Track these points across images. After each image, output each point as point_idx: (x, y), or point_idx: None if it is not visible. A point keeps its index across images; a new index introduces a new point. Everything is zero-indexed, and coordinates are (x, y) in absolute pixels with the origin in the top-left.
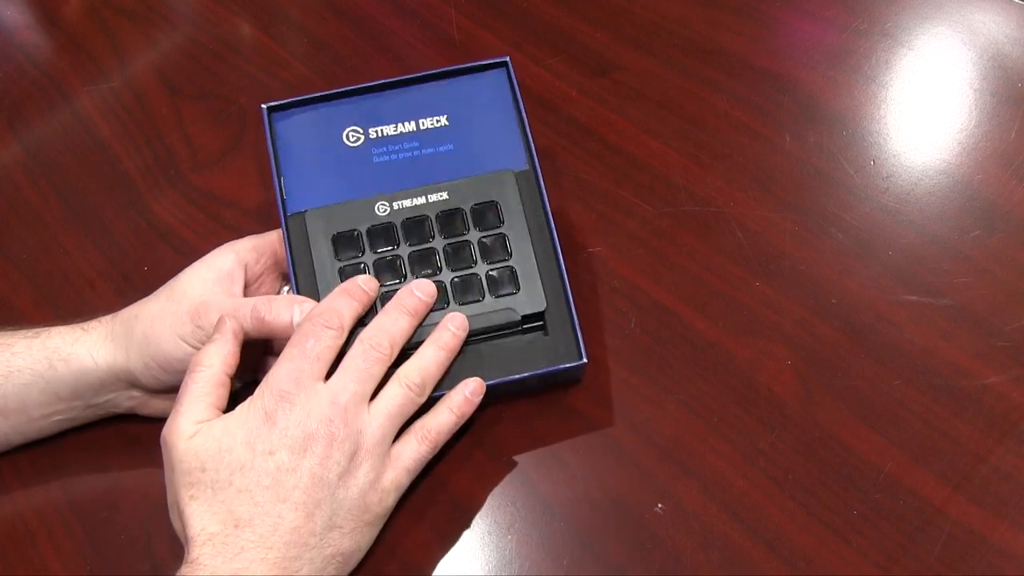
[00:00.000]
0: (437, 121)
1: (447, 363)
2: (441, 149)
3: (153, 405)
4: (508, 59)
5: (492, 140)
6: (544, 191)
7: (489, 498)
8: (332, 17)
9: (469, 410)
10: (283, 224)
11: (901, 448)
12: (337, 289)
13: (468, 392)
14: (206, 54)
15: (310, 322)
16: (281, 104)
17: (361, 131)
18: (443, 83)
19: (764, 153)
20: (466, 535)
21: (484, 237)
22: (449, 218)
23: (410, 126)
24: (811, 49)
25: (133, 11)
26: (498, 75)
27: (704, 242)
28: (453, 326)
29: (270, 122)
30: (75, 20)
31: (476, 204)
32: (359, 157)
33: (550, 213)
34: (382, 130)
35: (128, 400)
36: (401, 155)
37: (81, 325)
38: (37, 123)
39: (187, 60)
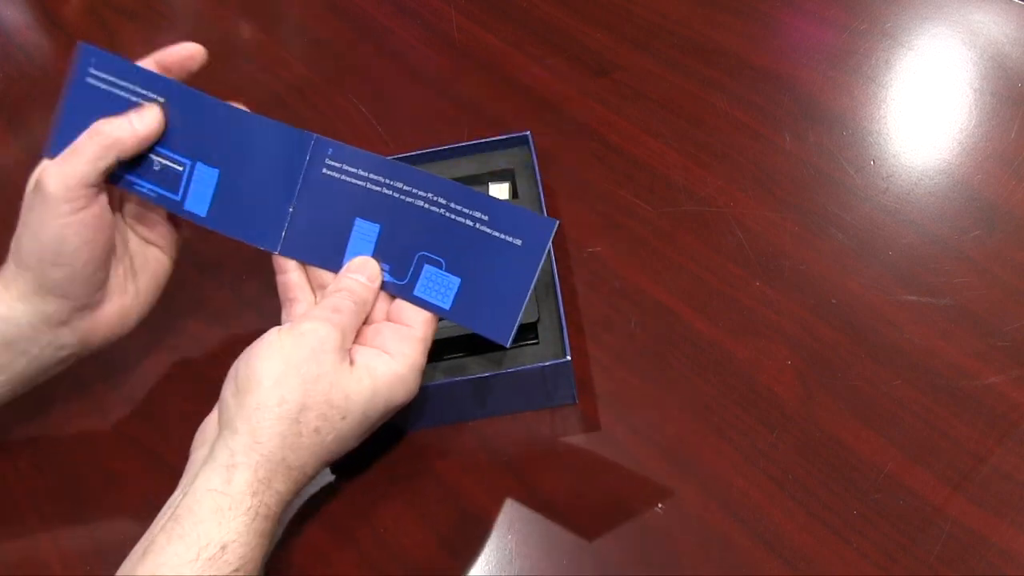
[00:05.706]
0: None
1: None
2: None
3: (90, 324)
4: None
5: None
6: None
7: (489, 497)
8: (332, 17)
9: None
10: None
11: (901, 448)
12: None
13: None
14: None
15: None
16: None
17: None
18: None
19: (764, 153)
20: (466, 535)
21: None
22: None
23: None
24: (811, 49)
25: (133, 11)
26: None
27: (704, 242)
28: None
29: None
30: (75, 20)
31: None
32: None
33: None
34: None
35: (61, 340)
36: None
37: None
38: (37, 123)
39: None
